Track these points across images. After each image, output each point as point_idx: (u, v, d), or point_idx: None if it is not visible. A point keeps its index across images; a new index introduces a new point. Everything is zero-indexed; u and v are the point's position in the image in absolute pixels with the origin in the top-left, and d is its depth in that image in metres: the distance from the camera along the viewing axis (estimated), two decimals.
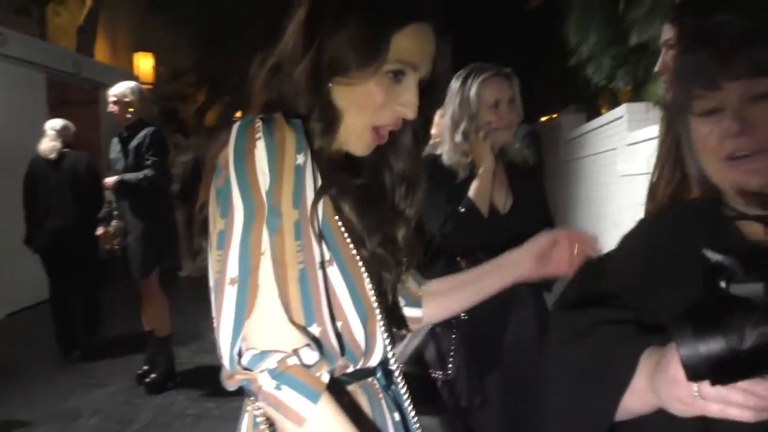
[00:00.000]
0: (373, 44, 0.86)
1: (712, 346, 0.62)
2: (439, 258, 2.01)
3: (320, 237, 0.85)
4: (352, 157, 0.95)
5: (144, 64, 11.75)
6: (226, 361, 0.81)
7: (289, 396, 0.77)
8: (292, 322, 0.80)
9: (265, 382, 0.78)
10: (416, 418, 0.98)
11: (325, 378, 0.80)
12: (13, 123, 6.10)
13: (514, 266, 1.14)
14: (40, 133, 4.74)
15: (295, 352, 0.79)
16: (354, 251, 0.90)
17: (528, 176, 2.16)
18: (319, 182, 0.84)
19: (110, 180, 3.99)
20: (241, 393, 3.16)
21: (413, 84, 0.90)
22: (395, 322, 1.03)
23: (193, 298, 6.60)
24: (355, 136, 0.91)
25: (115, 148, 4.09)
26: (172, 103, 12.90)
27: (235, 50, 13.81)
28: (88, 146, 5.60)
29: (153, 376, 4.12)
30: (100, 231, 4.16)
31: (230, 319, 0.80)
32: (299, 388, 0.77)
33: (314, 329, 0.83)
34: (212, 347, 3.58)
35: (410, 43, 0.87)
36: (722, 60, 0.81)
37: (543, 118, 13.64)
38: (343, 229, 0.89)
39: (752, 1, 0.87)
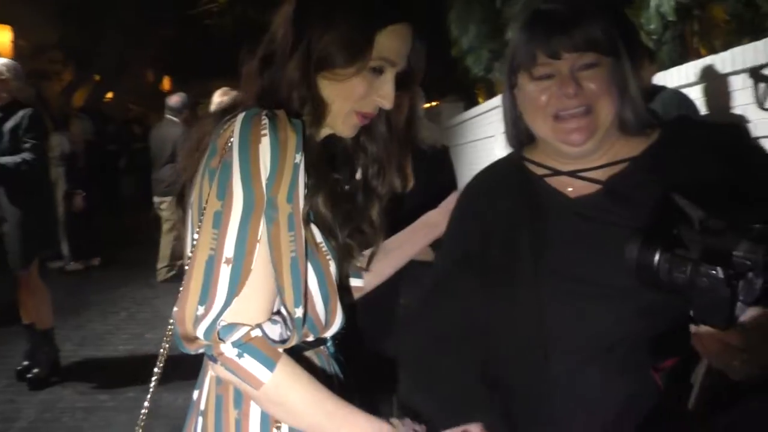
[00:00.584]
0: (358, 44, 0.96)
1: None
2: None
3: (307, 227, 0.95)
4: (329, 147, 1.05)
5: (0, 37, 10.77)
6: (202, 329, 0.88)
7: (248, 363, 0.87)
8: (269, 301, 0.91)
9: (228, 351, 0.87)
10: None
11: (280, 349, 0.91)
12: None
13: (431, 228, 1.31)
14: None
15: (259, 325, 0.89)
16: (321, 240, 1.00)
17: (435, 159, 2.32)
18: (306, 178, 0.93)
19: None
20: (134, 382, 3.13)
21: (391, 78, 1.00)
22: (346, 295, 1.14)
23: (74, 290, 6.27)
24: (341, 119, 1.01)
25: None
26: (35, 80, 11.94)
27: (103, 27, 13.02)
28: None
29: (35, 371, 3.89)
30: None
31: (222, 295, 0.88)
32: (258, 355, 0.88)
33: (299, 311, 0.93)
34: (97, 339, 3.55)
35: (390, 42, 0.98)
36: (561, 33, 1.01)
37: (425, 106, 14.10)
38: (312, 219, 0.99)
39: None
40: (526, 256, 1.05)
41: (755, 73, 3.03)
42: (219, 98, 4.56)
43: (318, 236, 1.01)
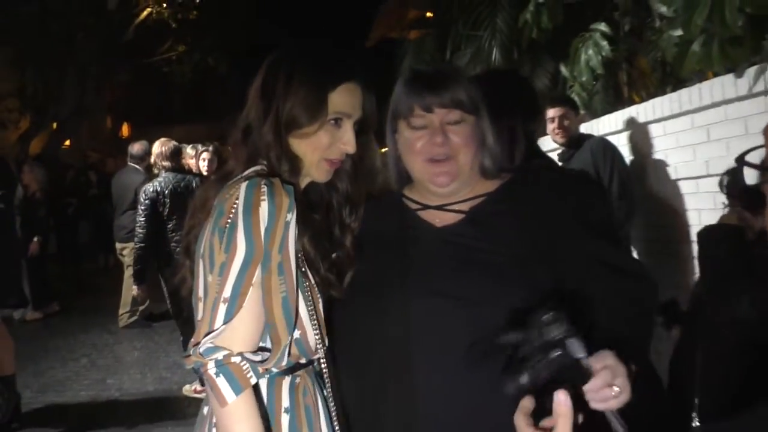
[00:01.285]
0: (316, 105, 1.18)
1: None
2: None
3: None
4: (308, 192, 1.26)
5: None
6: (200, 350, 1.08)
7: (222, 383, 1.06)
8: (255, 334, 1.11)
9: (210, 368, 1.07)
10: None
11: (253, 380, 1.09)
12: None
13: None
14: None
15: (241, 353, 1.07)
16: (312, 278, 1.20)
17: None
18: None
19: None
20: (96, 427, 3.24)
21: (350, 127, 1.22)
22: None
23: (34, 337, 6.22)
24: (314, 168, 1.22)
25: None
26: None
27: (62, 74, 13.04)
28: None
29: None
30: None
31: (218, 326, 1.08)
32: (231, 379, 1.06)
33: (296, 334, 1.15)
34: (58, 385, 3.71)
35: (343, 98, 1.20)
36: (433, 91, 1.26)
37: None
38: (303, 259, 1.19)
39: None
40: (393, 275, 1.25)
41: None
42: (159, 148, 4.76)
43: (312, 277, 1.21)
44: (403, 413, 1.21)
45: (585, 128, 4.07)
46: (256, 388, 1.13)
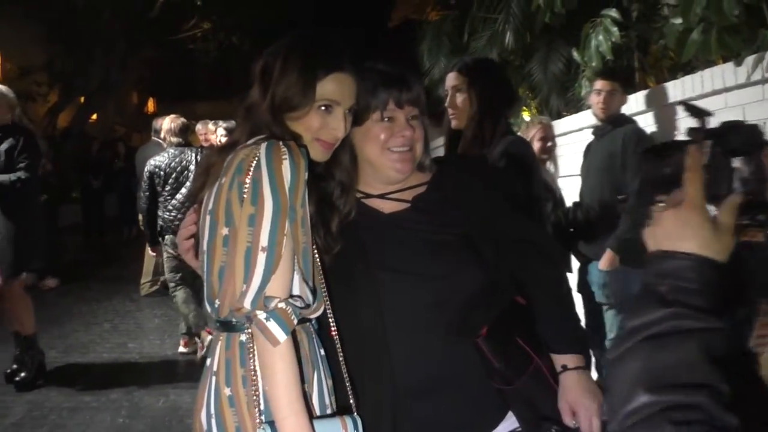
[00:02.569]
0: (304, 90, 1.30)
1: None
2: None
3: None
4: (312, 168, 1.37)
5: None
6: (248, 301, 1.17)
7: (273, 326, 1.15)
8: (291, 281, 1.22)
9: (260, 315, 1.16)
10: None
11: (296, 321, 1.19)
12: None
13: None
14: None
15: (286, 300, 1.18)
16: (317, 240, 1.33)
17: None
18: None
19: None
20: (117, 385, 3.47)
21: (339, 113, 1.32)
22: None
23: (58, 303, 6.51)
24: (310, 146, 1.33)
25: None
26: (20, 102, 12.15)
27: (89, 49, 13.29)
28: None
29: (23, 374, 4.16)
30: None
31: (259, 275, 1.17)
32: (281, 323, 1.16)
33: (310, 282, 1.26)
34: (81, 347, 3.95)
35: (331, 87, 1.31)
36: (407, 89, 1.41)
37: None
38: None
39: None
40: (360, 257, 1.38)
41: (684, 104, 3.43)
42: (168, 124, 4.96)
43: (317, 238, 1.34)
44: (380, 383, 1.34)
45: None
46: (242, 342, 1.24)
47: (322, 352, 1.34)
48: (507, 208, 1.46)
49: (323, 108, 1.32)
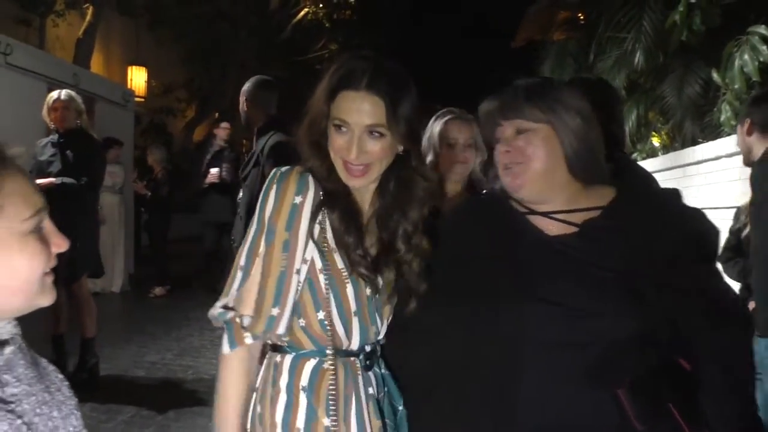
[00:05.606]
0: (319, 109, 1.29)
1: None
2: None
3: (305, 251, 1.25)
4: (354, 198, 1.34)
5: (138, 77, 12.09)
6: (213, 310, 1.27)
7: (224, 336, 1.25)
8: (263, 300, 1.24)
9: (218, 323, 1.26)
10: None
11: (248, 341, 1.23)
12: (17, 132, 6.29)
13: None
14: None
15: (242, 316, 1.24)
16: (342, 266, 1.28)
17: None
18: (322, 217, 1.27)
19: (45, 181, 3.88)
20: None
21: (349, 134, 1.26)
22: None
23: (179, 310, 6.87)
24: (337, 166, 1.30)
25: (47, 151, 4.13)
26: (162, 116, 13.22)
27: (225, 70, 14.21)
28: None
29: (77, 374, 4.16)
30: None
31: (233, 291, 1.26)
32: (230, 335, 1.24)
33: (275, 311, 1.24)
34: (194, 351, 3.93)
35: (340, 106, 1.27)
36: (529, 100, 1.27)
37: None
38: (336, 251, 1.28)
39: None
40: (509, 279, 1.24)
41: None
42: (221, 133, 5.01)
43: (339, 263, 1.28)
44: (499, 419, 1.20)
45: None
46: (276, 363, 1.28)
47: (371, 390, 1.29)
48: (691, 253, 1.23)
49: (336, 126, 1.27)
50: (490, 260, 1.28)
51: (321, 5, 14.66)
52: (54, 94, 4.21)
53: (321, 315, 1.26)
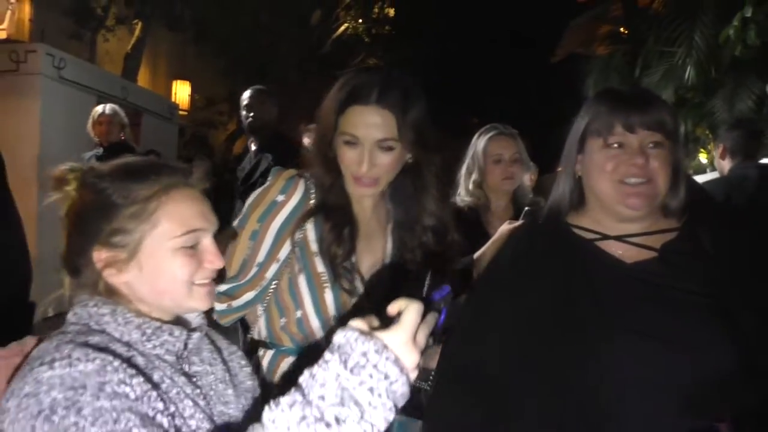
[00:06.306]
0: (327, 123, 1.33)
1: None
2: None
3: (274, 248, 1.33)
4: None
5: (181, 91, 12.34)
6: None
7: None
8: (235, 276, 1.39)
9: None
10: None
11: (218, 307, 1.37)
12: (69, 144, 6.43)
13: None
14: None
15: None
16: (322, 270, 1.32)
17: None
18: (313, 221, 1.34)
19: None
20: None
21: (360, 148, 1.29)
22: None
23: None
24: (348, 183, 1.34)
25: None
26: (204, 129, 13.45)
27: (266, 83, 14.40)
28: None
29: None
30: None
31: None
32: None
33: (298, 313, 1.30)
34: None
35: (347, 120, 1.30)
36: (639, 111, 1.18)
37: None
38: (317, 255, 1.32)
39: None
40: (595, 312, 1.16)
41: None
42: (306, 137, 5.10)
43: (320, 266, 1.32)
44: None
45: None
46: (258, 357, 1.36)
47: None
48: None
49: (346, 142, 1.29)
50: (566, 290, 1.19)
51: (360, 20, 14.79)
52: (99, 109, 4.37)
53: (298, 314, 1.31)
